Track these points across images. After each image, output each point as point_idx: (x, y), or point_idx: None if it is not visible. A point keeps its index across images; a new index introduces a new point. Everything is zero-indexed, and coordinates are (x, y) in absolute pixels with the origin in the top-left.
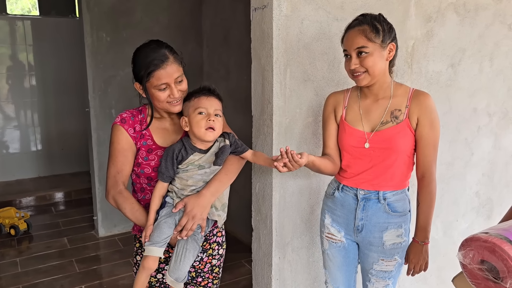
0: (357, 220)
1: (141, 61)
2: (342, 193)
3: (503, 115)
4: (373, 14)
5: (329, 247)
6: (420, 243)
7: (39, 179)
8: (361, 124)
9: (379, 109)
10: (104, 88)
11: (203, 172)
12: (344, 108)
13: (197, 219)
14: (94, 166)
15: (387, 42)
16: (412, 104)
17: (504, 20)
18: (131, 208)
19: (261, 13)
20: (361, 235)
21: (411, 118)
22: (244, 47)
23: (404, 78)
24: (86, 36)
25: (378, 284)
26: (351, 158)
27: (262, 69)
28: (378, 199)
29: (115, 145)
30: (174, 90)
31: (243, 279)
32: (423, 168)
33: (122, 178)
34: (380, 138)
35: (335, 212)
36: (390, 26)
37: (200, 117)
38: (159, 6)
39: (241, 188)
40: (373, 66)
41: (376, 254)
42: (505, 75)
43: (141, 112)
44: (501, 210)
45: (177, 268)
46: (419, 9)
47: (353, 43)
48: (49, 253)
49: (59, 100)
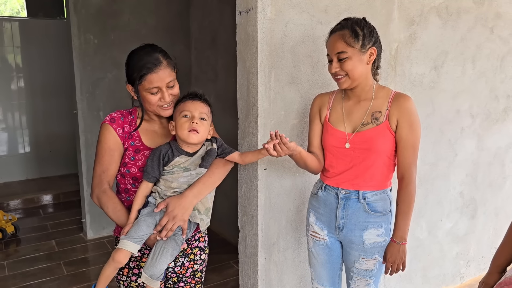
0: (338, 218)
1: (134, 63)
2: (325, 192)
3: (486, 116)
4: (356, 18)
5: (313, 245)
6: (397, 243)
7: (27, 181)
8: (343, 125)
9: (360, 111)
10: (92, 90)
11: (188, 174)
12: (329, 109)
13: (177, 219)
14: (83, 168)
15: (367, 47)
16: (393, 106)
17: (485, 23)
18: (113, 208)
19: (246, 16)
20: (342, 233)
21: (390, 120)
22: (232, 49)
23: (388, 81)
24: (74, 38)
25: (360, 282)
26: (333, 158)
27: (247, 72)
28: (358, 199)
29: (102, 144)
30: (165, 94)
31: (231, 280)
32: (402, 170)
33: (108, 178)
34: (360, 139)
35: (318, 210)
36: (371, 31)
37: (184, 119)
38: (146, 8)
39: (229, 190)
40: (352, 69)
41: (357, 252)
42: (487, 77)
43: (131, 113)
44: (484, 210)
45: (152, 265)
46: (402, 13)
47: (333, 47)
48: (37, 255)
49: (47, 102)
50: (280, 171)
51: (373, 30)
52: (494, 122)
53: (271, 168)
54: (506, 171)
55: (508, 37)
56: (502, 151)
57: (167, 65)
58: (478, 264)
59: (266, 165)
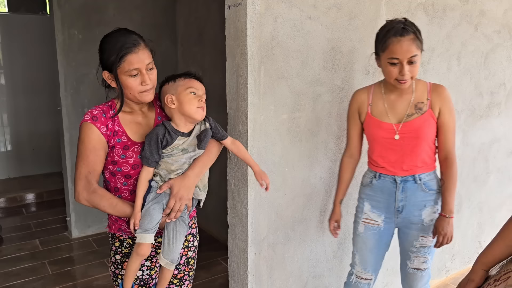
0: (397, 202)
1: (111, 46)
2: (380, 180)
3: (471, 112)
4: (408, 21)
5: (365, 230)
6: (448, 216)
7: (9, 180)
8: (387, 117)
9: (404, 103)
10: (76, 86)
11: (188, 156)
12: (369, 105)
13: (184, 200)
14: (67, 166)
15: (422, 48)
16: (433, 96)
17: (470, 20)
18: (110, 204)
19: (235, 10)
20: (401, 215)
21: (433, 108)
22: (218, 45)
23: (376, 76)
24: (57, 33)
25: (418, 260)
26: (382, 148)
27: (237, 67)
28: (415, 181)
29: (86, 144)
30: (146, 77)
31: (219, 277)
32: (445, 151)
33: (95, 178)
34: (408, 128)
35: (374, 198)
36: (420, 32)
37: (192, 96)
38: (132, 3)
39: (216, 187)
40: (417, 71)
41: (416, 232)
42: (472, 73)
43: (112, 107)
44: (469, 204)
45: (171, 250)
46: (390, 9)
47: (408, 51)
48: (21, 255)
49: (30, 99)
50: (270, 166)
51: None
52: (478, 118)
53: (260, 163)
54: (490, 166)
55: (492, 34)
56: (486, 146)
57: (145, 46)
58: (462, 258)
59: (255, 160)
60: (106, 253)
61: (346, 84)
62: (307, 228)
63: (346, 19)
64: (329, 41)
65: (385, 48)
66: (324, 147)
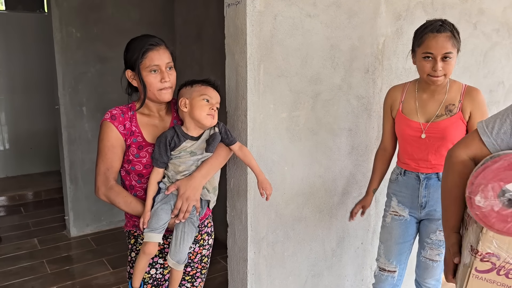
0: (421, 197)
1: (135, 46)
2: (405, 177)
3: None
4: (448, 21)
5: (391, 220)
6: None
7: (7, 179)
8: (416, 116)
9: (435, 103)
10: (75, 85)
11: (196, 158)
12: (401, 102)
13: (191, 200)
14: (65, 165)
15: (459, 49)
16: (465, 99)
17: (469, 19)
18: (125, 202)
19: (235, 9)
20: (424, 210)
21: (464, 112)
22: (217, 43)
23: (375, 75)
24: (55, 31)
25: (432, 252)
26: (408, 146)
27: (236, 65)
28: (438, 178)
29: (105, 142)
30: (165, 74)
31: (219, 276)
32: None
33: (113, 174)
34: (435, 129)
35: (400, 194)
36: (459, 33)
37: (205, 103)
38: (130, 1)
39: None
40: (451, 70)
41: (435, 226)
42: (471, 72)
43: (131, 109)
44: None
45: (177, 251)
46: (389, 7)
47: (443, 47)
48: (19, 254)
49: (28, 98)
50: (269, 165)
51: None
52: None
53: (260, 162)
54: None
55: (491, 32)
56: None
57: (166, 48)
58: None
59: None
60: (105, 252)
61: (345, 82)
62: (307, 226)
63: (346, 17)
64: (328, 39)
65: (420, 43)
66: (324, 146)
